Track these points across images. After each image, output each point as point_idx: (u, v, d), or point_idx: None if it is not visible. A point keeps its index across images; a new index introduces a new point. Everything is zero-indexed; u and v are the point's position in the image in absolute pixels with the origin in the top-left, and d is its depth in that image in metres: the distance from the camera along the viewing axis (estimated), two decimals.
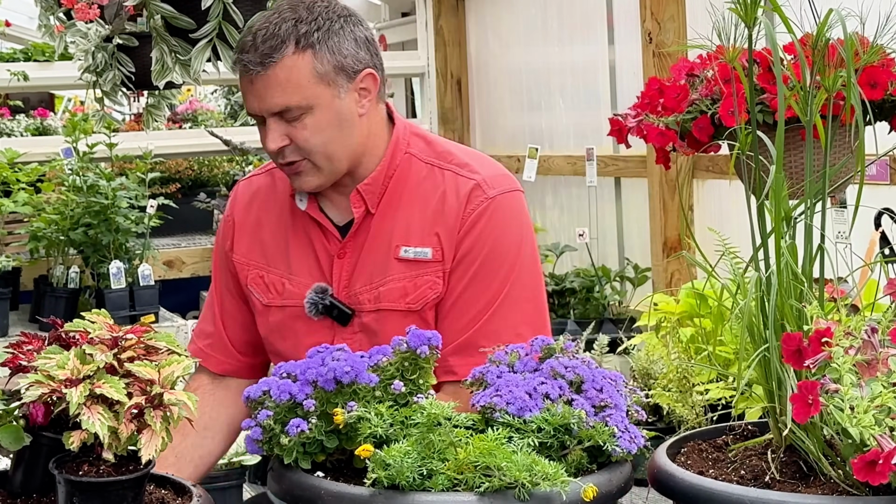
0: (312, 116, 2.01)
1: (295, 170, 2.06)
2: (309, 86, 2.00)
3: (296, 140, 2.02)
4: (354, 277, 2.12)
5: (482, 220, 2.08)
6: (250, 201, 2.26)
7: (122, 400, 1.55)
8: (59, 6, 2.84)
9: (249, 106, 2.04)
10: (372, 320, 2.10)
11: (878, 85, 1.91)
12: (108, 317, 1.71)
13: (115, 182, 5.06)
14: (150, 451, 1.54)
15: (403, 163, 2.13)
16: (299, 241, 2.17)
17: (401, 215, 2.11)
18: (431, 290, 2.08)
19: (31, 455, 1.68)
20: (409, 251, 2.08)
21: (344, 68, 2.03)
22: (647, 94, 2.18)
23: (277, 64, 1.98)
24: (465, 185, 2.10)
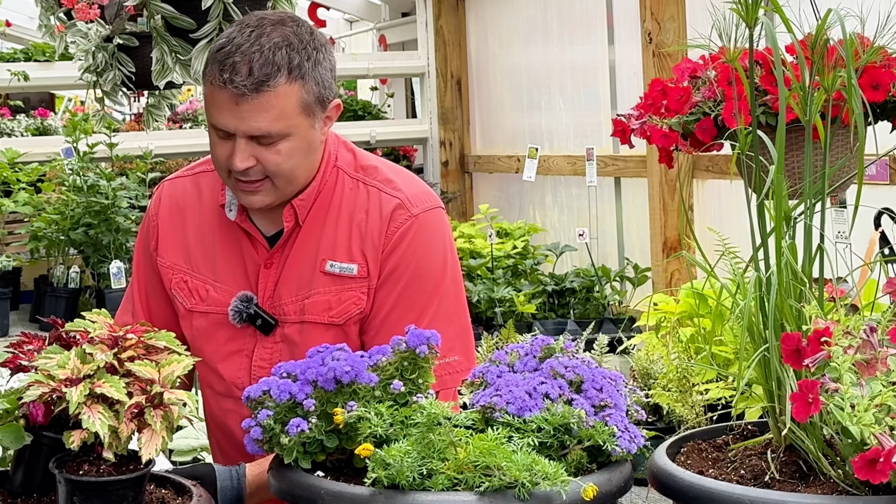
0: (287, 143, 2.01)
1: (252, 188, 2.05)
2: (293, 115, 2.00)
3: (265, 163, 2.02)
4: (280, 288, 2.13)
5: (406, 239, 2.10)
6: (175, 205, 2.24)
7: (122, 399, 1.55)
8: (60, 6, 2.84)
9: (224, 123, 2.00)
10: (294, 332, 2.12)
11: (880, 86, 1.91)
12: (108, 316, 1.71)
13: (115, 182, 5.07)
14: (151, 450, 1.54)
15: (331, 176, 2.15)
16: (227, 248, 2.17)
17: (328, 229, 2.12)
18: (355, 305, 2.10)
19: (31, 455, 1.69)
20: (335, 266, 2.10)
21: (322, 99, 2.04)
22: (650, 95, 2.19)
23: (270, 91, 1.97)
24: (388, 202, 2.12)
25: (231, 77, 1.96)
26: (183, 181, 2.26)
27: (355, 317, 2.10)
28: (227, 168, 2.03)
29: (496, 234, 6.04)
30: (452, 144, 7.60)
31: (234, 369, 2.15)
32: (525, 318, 5.43)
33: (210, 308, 2.16)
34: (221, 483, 1.90)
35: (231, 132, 2.00)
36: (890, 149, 1.97)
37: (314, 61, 2.02)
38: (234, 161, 2.00)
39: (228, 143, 2.02)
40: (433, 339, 1.61)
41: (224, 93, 1.98)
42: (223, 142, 2.03)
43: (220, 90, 1.98)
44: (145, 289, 2.28)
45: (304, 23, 2.08)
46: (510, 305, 5.38)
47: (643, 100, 2.21)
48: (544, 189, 6.72)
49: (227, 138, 2.02)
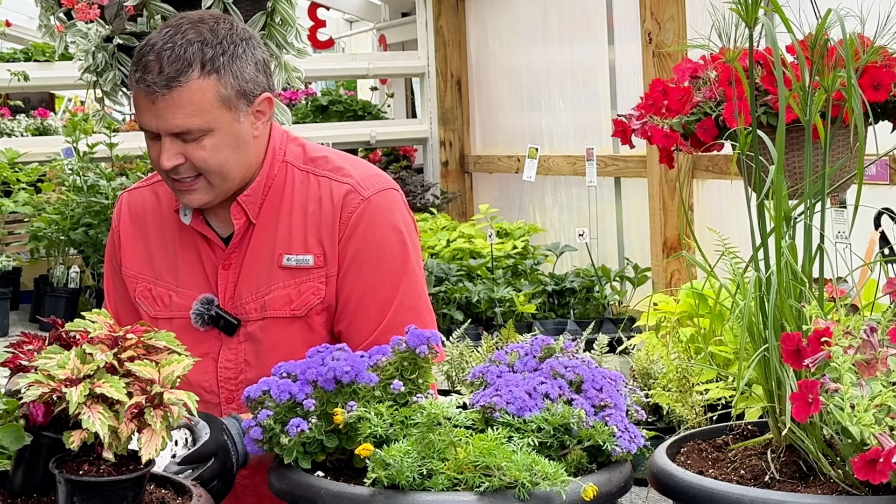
0: (211, 138, 2.02)
1: (187, 186, 2.06)
2: (211, 109, 2.00)
3: (192, 159, 2.02)
4: (239, 287, 2.14)
5: (362, 223, 2.10)
6: (135, 214, 2.26)
7: (122, 399, 1.55)
8: (60, 6, 2.84)
9: (146, 123, 2.02)
10: (257, 328, 2.12)
11: (881, 86, 1.91)
12: (108, 316, 1.71)
13: (115, 182, 5.07)
14: (151, 450, 1.54)
15: (281, 171, 2.15)
16: (186, 253, 2.18)
17: (282, 224, 2.13)
18: (315, 295, 2.10)
19: (31, 455, 1.69)
20: (292, 259, 2.11)
21: (245, 93, 2.04)
22: (650, 95, 2.19)
23: (182, 87, 1.98)
24: (339, 189, 2.12)
25: (143, 76, 1.98)
26: (142, 191, 2.28)
27: (316, 307, 2.10)
28: (161, 167, 2.05)
29: (496, 234, 6.04)
30: (452, 144, 7.60)
31: (202, 373, 2.13)
32: (525, 318, 5.43)
33: (174, 314, 2.16)
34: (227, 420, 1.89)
35: (155, 132, 2.02)
36: (890, 149, 1.97)
37: (231, 55, 2.01)
38: (161, 160, 2.02)
39: (157, 144, 2.03)
40: (433, 338, 1.61)
41: (140, 92, 2.00)
42: (153, 142, 2.04)
43: (137, 90, 2.00)
44: (114, 300, 2.29)
45: (226, 19, 2.08)
46: (510, 305, 5.38)
47: (644, 100, 2.21)
48: (544, 189, 6.72)
49: (155, 139, 2.03)
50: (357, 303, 2.10)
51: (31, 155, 5.42)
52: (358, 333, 2.08)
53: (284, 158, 2.16)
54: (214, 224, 2.17)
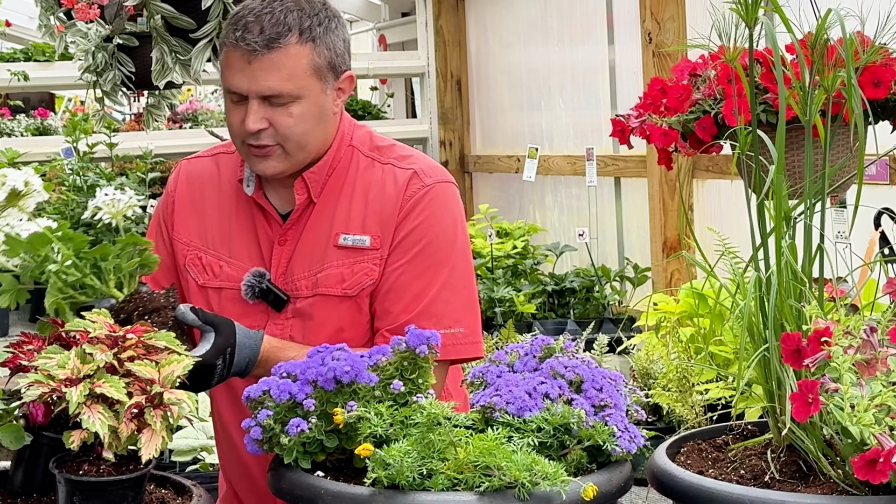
0: (299, 106, 2.05)
1: (264, 153, 2.09)
2: (304, 76, 2.04)
3: (277, 125, 2.05)
4: (293, 264, 2.15)
5: (420, 206, 2.13)
6: (193, 182, 2.27)
7: (122, 399, 1.55)
8: (60, 6, 2.84)
9: (236, 84, 2.05)
10: (307, 305, 2.13)
11: (881, 84, 1.91)
12: (108, 316, 1.71)
13: (115, 182, 5.06)
14: (151, 450, 1.54)
15: (346, 155, 2.18)
16: (242, 226, 2.20)
17: (341, 205, 2.16)
18: (367, 276, 2.11)
19: (31, 454, 1.69)
20: (348, 238, 2.13)
21: (334, 66, 2.08)
22: (649, 94, 2.18)
23: (281, 49, 2.02)
24: (402, 174, 2.15)
25: (243, 35, 2.01)
26: (202, 160, 2.30)
27: (368, 288, 2.12)
28: (241, 133, 2.07)
29: (496, 233, 6.04)
30: (452, 144, 7.60)
31: None
32: (525, 318, 5.43)
33: (223, 284, 2.18)
34: (240, 339, 1.90)
35: (244, 94, 2.04)
36: (890, 149, 1.97)
37: (325, 28, 2.06)
38: (246, 122, 2.04)
39: (241, 107, 2.06)
40: (433, 338, 1.61)
41: (236, 52, 2.02)
42: (237, 106, 2.07)
43: (233, 50, 2.03)
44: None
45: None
46: (510, 305, 5.38)
47: (643, 99, 2.21)
48: (544, 189, 6.72)
49: (240, 102, 2.06)
50: (394, 282, 2.11)
51: (31, 155, 5.42)
52: (388, 314, 2.09)
53: (351, 143, 2.19)
54: (273, 200, 2.18)
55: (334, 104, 2.12)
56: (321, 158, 2.14)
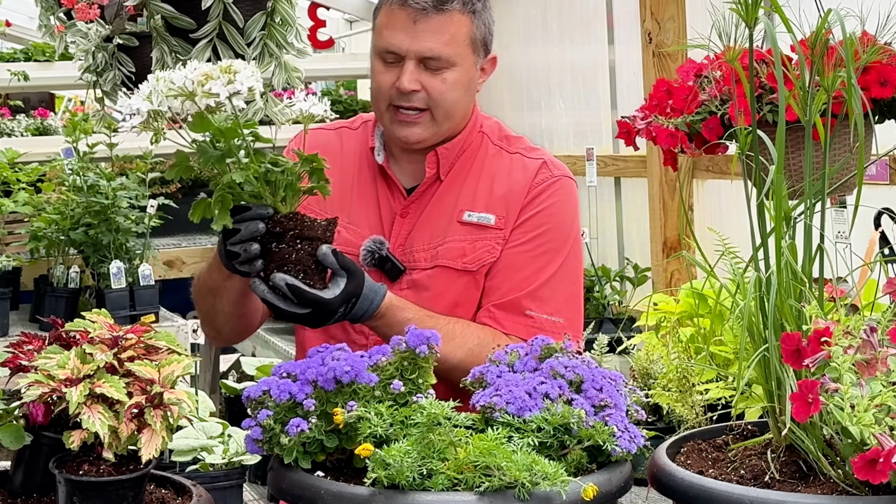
0: (453, 73, 2.11)
1: (412, 118, 2.14)
2: (463, 44, 2.11)
3: (430, 89, 2.11)
4: (413, 236, 2.20)
5: (545, 194, 2.19)
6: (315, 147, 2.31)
7: (122, 399, 1.55)
8: (60, 6, 2.84)
9: (397, 43, 2.09)
10: (425, 277, 2.17)
11: (888, 82, 1.91)
12: (108, 316, 1.72)
13: (115, 182, 5.06)
14: (151, 450, 1.54)
15: (476, 139, 2.24)
16: (364, 196, 2.25)
17: (467, 185, 2.21)
18: (489, 253, 2.16)
19: (31, 455, 1.69)
20: (473, 216, 2.18)
21: (486, 43, 2.17)
22: (655, 95, 2.19)
23: (447, 13, 2.09)
24: (532, 164, 2.23)
25: None
26: (325, 132, 2.35)
27: (488, 264, 2.16)
28: (390, 96, 2.12)
29: None
30: None
31: None
32: None
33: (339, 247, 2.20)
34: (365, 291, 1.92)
35: (402, 54, 2.10)
36: (890, 149, 1.97)
37: (483, 5, 2.16)
38: (401, 81, 2.09)
39: (395, 69, 2.11)
40: (433, 338, 1.61)
41: (403, 11, 2.09)
42: (390, 68, 2.12)
43: (399, 9, 2.09)
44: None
45: None
46: None
47: (648, 100, 2.21)
48: None
49: (394, 63, 2.12)
50: (508, 261, 2.16)
51: (31, 155, 5.41)
52: (496, 290, 2.15)
53: (481, 129, 2.26)
54: (398, 174, 2.23)
55: (478, 81, 2.20)
56: (454, 137, 2.20)
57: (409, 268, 2.17)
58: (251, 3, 2.71)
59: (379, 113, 2.19)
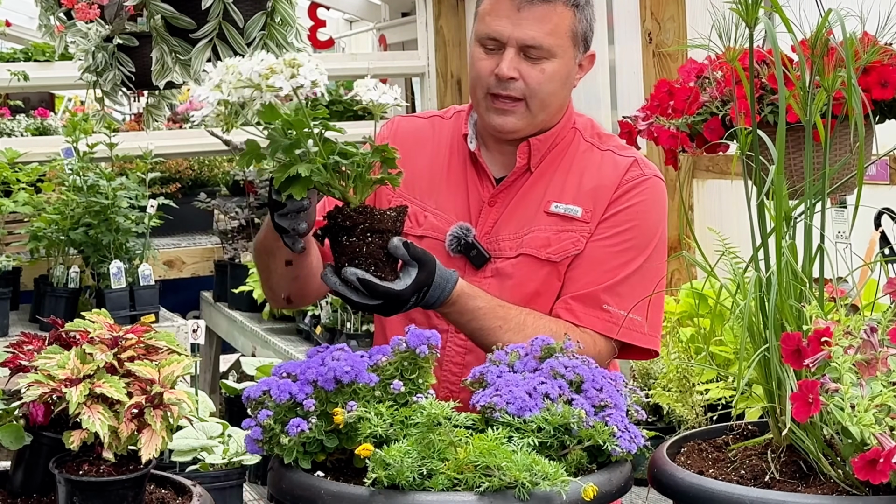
0: (552, 64, 2.12)
1: (508, 107, 2.15)
2: (564, 36, 2.12)
3: (528, 79, 2.12)
4: (500, 225, 2.20)
5: (635, 191, 2.19)
6: (406, 134, 2.33)
7: (122, 399, 1.55)
8: (60, 6, 2.84)
9: (499, 29, 2.11)
10: (509, 265, 2.17)
11: (889, 84, 1.91)
12: (108, 317, 1.72)
13: (115, 182, 5.05)
14: (151, 450, 1.54)
15: (569, 135, 2.25)
16: (453, 183, 2.25)
17: (557, 177, 2.21)
18: (573, 245, 2.16)
19: (31, 455, 1.69)
20: (560, 207, 2.18)
21: (586, 38, 2.18)
22: (656, 96, 2.19)
23: (551, 4, 2.10)
24: (623, 160, 2.22)
25: None
26: (417, 120, 2.37)
27: (571, 256, 2.16)
28: (488, 83, 2.13)
29: None
30: None
31: None
32: None
33: (426, 233, 2.22)
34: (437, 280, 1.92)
35: (503, 41, 2.11)
36: (890, 149, 1.97)
37: (587, 1, 2.16)
38: (501, 67, 2.10)
39: (495, 57, 2.13)
40: (433, 339, 1.60)
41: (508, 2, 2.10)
42: (490, 55, 2.14)
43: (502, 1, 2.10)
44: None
45: None
46: None
47: (649, 101, 2.21)
48: None
49: (495, 51, 2.13)
50: (590, 254, 2.16)
51: (31, 155, 5.41)
52: (576, 282, 2.15)
53: (574, 125, 2.27)
54: (489, 163, 2.24)
55: (576, 76, 2.21)
56: (548, 130, 2.21)
57: (494, 256, 2.18)
58: (251, 3, 2.71)
59: (476, 100, 2.21)
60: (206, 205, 5.94)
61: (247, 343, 5.33)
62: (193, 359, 1.69)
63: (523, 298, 2.11)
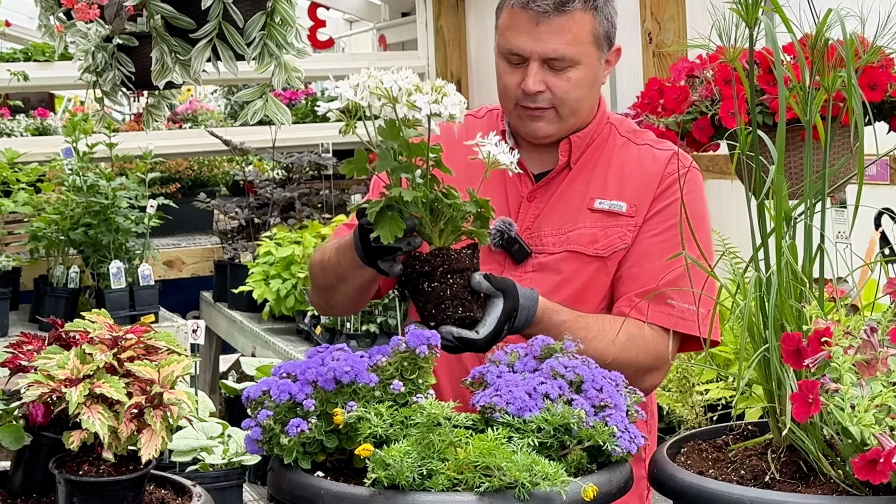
0: (577, 71, 2.12)
1: (538, 115, 2.16)
2: (585, 43, 2.12)
3: (554, 89, 2.12)
4: (541, 221, 2.21)
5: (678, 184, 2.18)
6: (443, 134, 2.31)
7: (121, 400, 1.55)
8: (59, 6, 2.83)
9: (520, 45, 2.11)
10: (553, 261, 2.17)
11: (877, 87, 1.92)
12: (108, 317, 1.71)
13: (115, 182, 5.05)
14: (150, 450, 1.54)
15: (606, 130, 2.26)
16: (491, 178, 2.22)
17: (598, 173, 2.22)
18: (621, 240, 2.17)
19: (31, 455, 1.69)
20: (605, 203, 2.19)
21: (609, 37, 2.18)
22: (646, 94, 2.19)
23: (569, 14, 2.09)
24: (662, 154, 2.22)
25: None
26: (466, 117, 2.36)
27: (620, 252, 2.17)
28: (516, 96, 2.15)
29: None
30: None
31: None
32: None
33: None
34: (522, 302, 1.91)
35: (526, 56, 2.12)
36: (890, 149, 1.97)
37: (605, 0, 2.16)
38: (526, 82, 2.11)
39: (520, 70, 2.14)
40: (433, 339, 1.60)
41: (525, 14, 2.10)
42: (514, 69, 2.15)
43: (521, 11, 2.11)
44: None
45: None
46: None
47: (640, 99, 2.22)
48: None
49: (519, 65, 2.14)
50: (648, 249, 2.16)
51: (30, 155, 5.41)
52: (637, 279, 2.15)
53: (609, 121, 2.27)
54: (526, 160, 2.25)
55: (603, 74, 2.20)
56: (585, 127, 2.21)
57: (536, 251, 2.18)
58: (251, 3, 2.71)
59: (506, 110, 2.22)
60: (206, 205, 5.94)
61: (247, 343, 5.33)
62: (193, 359, 1.69)
63: (572, 292, 2.13)
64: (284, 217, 5.66)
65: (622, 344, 2.05)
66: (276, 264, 4.99)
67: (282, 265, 4.98)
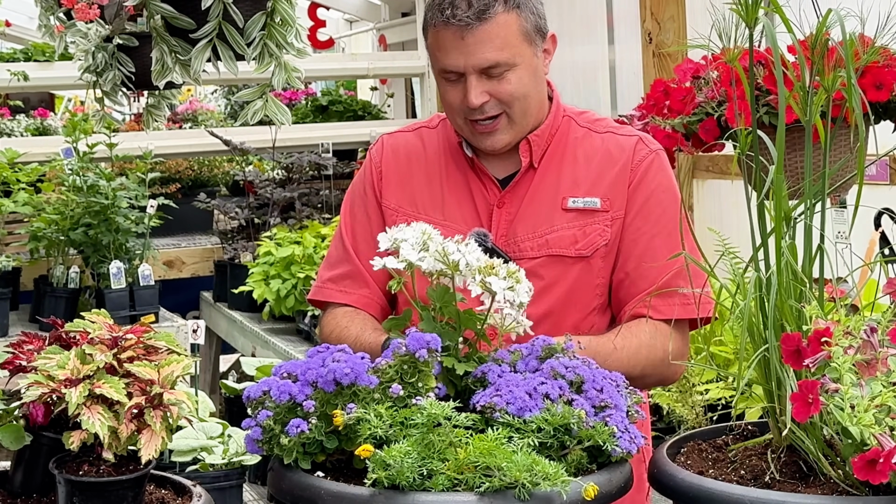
0: (515, 73, 2.10)
1: (491, 127, 2.14)
2: (516, 43, 2.10)
3: (498, 95, 2.10)
4: (515, 226, 2.19)
5: (652, 170, 2.17)
6: (397, 153, 2.31)
7: (121, 400, 1.55)
8: (60, 6, 2.84)
9: (452, 62, 2.10)
10: (536, 266, 2.15)
11: (883, 86, 1.91)
12: (108, 317, 1.72)
13: (115, 182, 5.05)
14: (150, 450, 1.54)
15: (564, 123, 2.24)
16: (455, 191, 2.24)
17: (565, 169, 2.20)
18: (600, 237, 2.16)
19: (31, 455, 1.69)
20: (578, 201, 2.17)
21: (539, 28, 2.14)
22: (652, 95, 2.19)
23: (491, 19, 2.07)
24: (626, 141, 2.20)
25: (453, 12, 2.07)
26: (404, 135, 2.36)
27: (601, 249, 2.16)
28: (463, 111, 2.13)
29: None
30: None
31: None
32: None
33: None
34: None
35: (461, 71, 2.10)
36: (890, 149, 1.97)
37: None
38: (469, 98, 2.10)
39: (459, 86, 2.12)
40: (433, 342, 1.60)
41: (448, 31, 2.08)
42: (454, 85, 2.13)
43: (444, 29, 2.09)
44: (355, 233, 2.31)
45: None
46: None
47: (645, 100, 2.22)
48: None
49: (457, 81, 2.12)
50: (646, 246, 2.15)
51: (30, 155, 5.41)
52: (644, 277, 2.13)
53: (566, 113, 2.26)
54: (488, 166, 2.23)
55: (544, 65, 2.18)
56: (541, 125, 2.19)
57: (516, 258, 2.16)
58: (251, 3, 2.71)
59: (458, 127, 2.20)
60: (206, 205, 5.94)
61: (247, 343, 5.33)
62: (193, 359, 1.69)
63: (559, 296, 2.12)
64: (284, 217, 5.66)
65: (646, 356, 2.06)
66: (276, 264, 4.99)
67: (282, 265, 4.98)
